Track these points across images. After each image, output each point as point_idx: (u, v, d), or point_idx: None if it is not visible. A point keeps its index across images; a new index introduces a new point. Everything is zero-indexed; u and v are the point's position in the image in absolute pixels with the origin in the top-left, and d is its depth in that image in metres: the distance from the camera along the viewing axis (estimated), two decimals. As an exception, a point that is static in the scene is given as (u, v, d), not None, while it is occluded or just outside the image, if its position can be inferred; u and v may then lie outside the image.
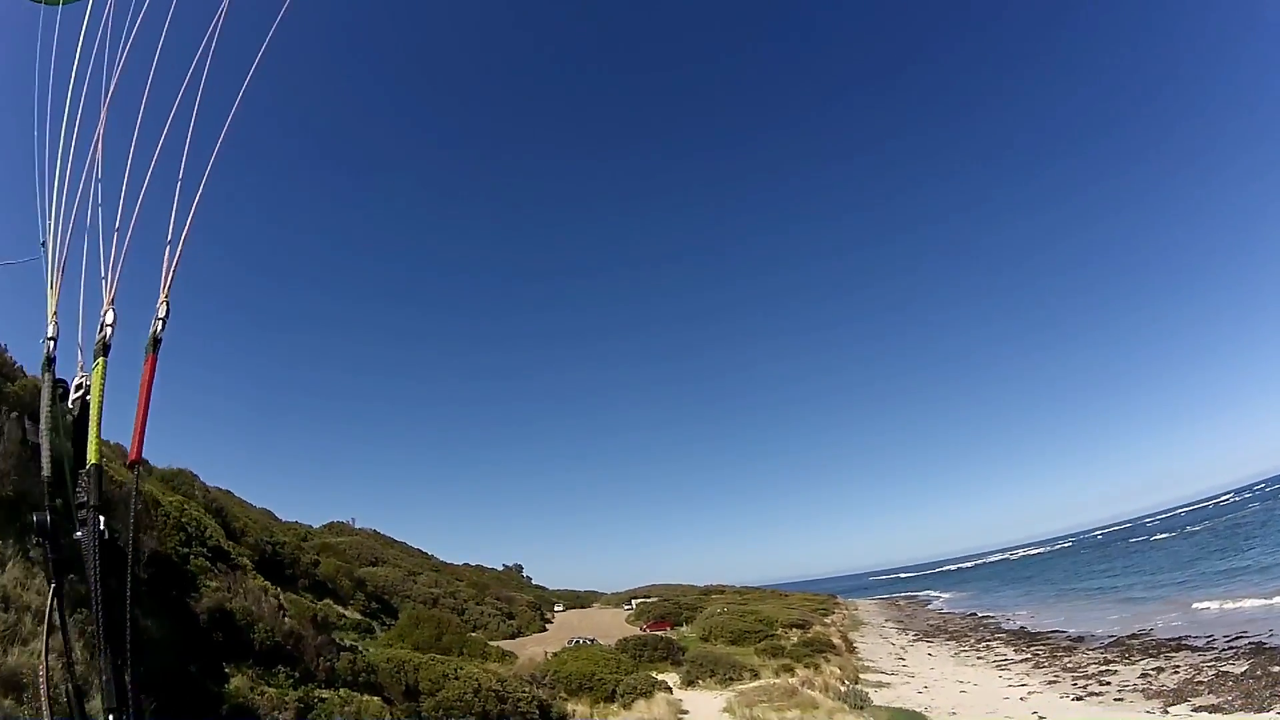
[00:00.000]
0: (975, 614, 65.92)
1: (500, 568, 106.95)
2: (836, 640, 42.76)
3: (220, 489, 55.98)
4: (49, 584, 1.66)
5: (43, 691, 1.85)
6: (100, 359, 1.71)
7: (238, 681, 14.38)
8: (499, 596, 69.43)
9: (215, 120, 2.19)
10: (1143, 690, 25.96)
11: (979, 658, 39.00)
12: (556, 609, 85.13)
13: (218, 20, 2.36)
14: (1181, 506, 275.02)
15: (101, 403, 1.67)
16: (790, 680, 27.00)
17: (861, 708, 23.08)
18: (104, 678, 1.35)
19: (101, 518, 1.51)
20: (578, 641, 43.46)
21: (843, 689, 25.92)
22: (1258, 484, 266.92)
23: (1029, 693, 27.51)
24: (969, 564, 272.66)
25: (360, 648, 21.26)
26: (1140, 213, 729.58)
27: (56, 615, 1.64)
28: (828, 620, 59.93)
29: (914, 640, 51.52)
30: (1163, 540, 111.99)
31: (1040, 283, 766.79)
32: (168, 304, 1.76)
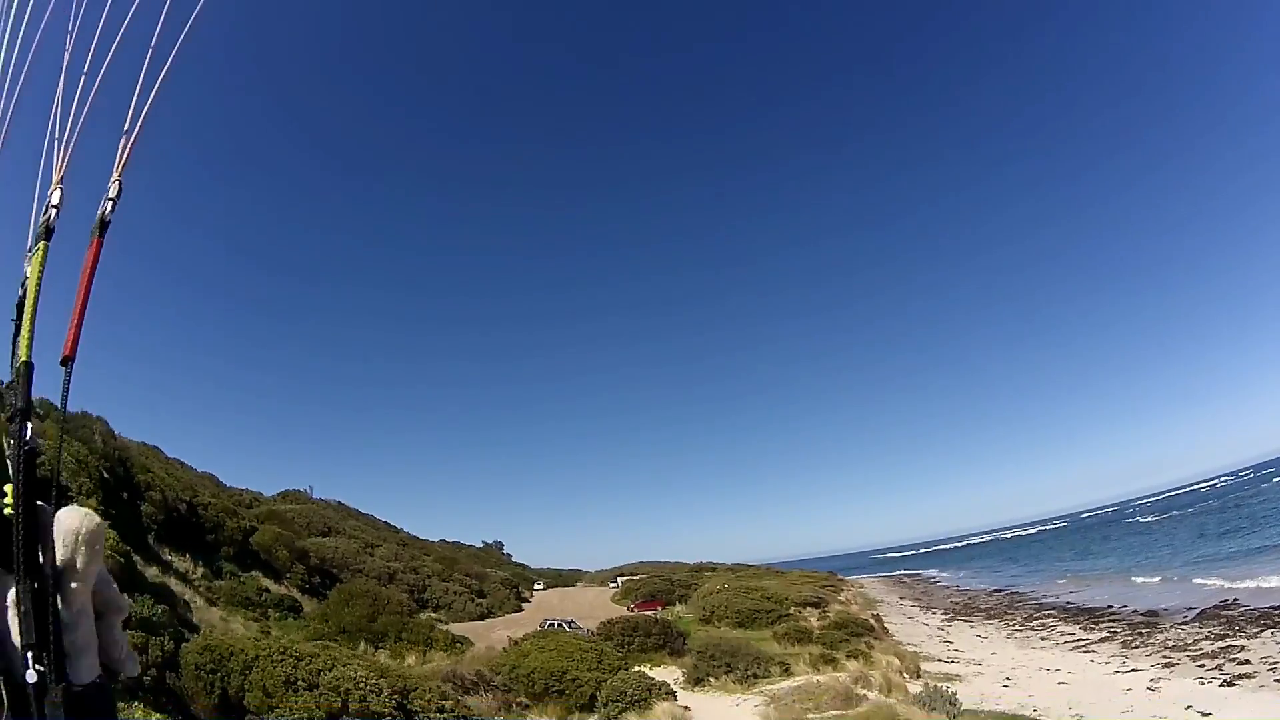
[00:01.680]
0: (1002, 590, 59.39)
1: (479, 544, 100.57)
2: (870, 621, 35.58)
3: (146, 444, 48.06)
4: None
5: None
6: (42, 243, 1.41)
7: None
8: (470, 573, 62.34)
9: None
10: (1309, 666, 19.18)
11: (1042, 639, 32.10)
12: (536, 587, 78.09)
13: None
14: (1171, 490, 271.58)
15: (38, 292, 1.35)
16: (840, 676, 19.74)
17: (956, 718, 15.76)
18: (21, 609, 1.06)
19: (29, 424, 1.20)
20: (552, 625, 35.83)
21: (916, 689, 18.62)
22: (1245, 470, 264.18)
23: (1151, 680, 20.53)
24: (959, 544, 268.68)
25: (174, 629, 13.55)
26: (1126, 198, 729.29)
27: None
28: (842, 598, 53.06)
29: (948, 620, 44.68)
30: (1166, 520, 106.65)
31: (1022, 275, 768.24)
32: (120, 183, 1.44)
